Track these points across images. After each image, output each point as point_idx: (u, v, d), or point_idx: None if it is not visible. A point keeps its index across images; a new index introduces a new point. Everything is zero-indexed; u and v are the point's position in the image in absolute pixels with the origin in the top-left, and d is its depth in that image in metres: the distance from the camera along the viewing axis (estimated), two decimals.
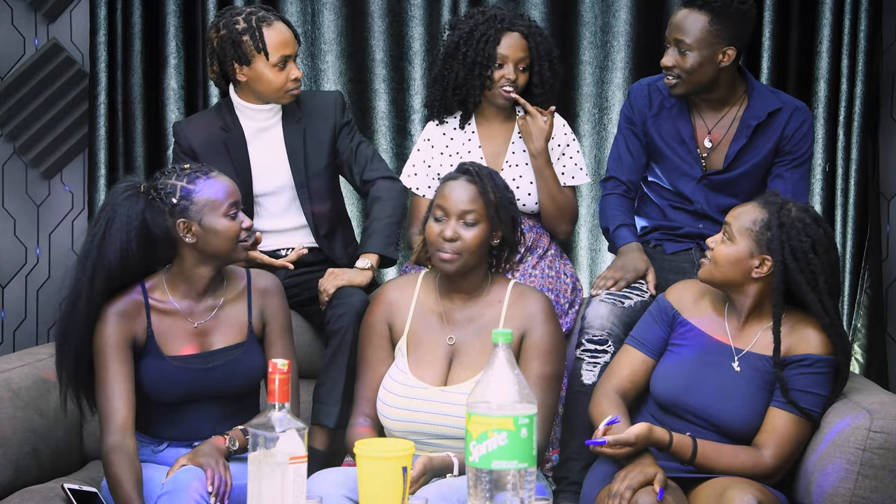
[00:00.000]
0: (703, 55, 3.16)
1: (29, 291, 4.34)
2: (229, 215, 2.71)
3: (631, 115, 3.37)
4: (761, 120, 3.24)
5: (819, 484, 2.62)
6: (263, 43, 3.23)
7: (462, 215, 2.77)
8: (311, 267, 3.37)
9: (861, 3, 3.89)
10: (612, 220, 3.36)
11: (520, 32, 3.35)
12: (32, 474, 2.91)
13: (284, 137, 3.35)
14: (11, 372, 2.99)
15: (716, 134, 3.29)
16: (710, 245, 2.81)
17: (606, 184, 3.44)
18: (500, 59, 3.34)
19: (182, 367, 2.72)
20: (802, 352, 2.73)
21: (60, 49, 4.23)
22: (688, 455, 2.66)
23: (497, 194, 2.80)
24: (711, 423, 2.73)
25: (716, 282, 2.80)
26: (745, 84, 3.30)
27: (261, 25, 3.24)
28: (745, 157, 3.28)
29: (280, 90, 3.28)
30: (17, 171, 4.31)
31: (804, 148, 3.28)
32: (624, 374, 2.86)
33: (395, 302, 2.90)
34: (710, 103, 3.29)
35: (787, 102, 3.31)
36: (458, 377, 2.79)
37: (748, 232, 2.74)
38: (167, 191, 2.69)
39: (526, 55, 3.35)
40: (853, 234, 3.94)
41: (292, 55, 3.28)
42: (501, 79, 3.34)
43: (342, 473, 2.62)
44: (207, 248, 2.71)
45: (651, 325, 2.89)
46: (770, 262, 2.73)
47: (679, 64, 3.18)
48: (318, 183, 3.37)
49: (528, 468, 2.00)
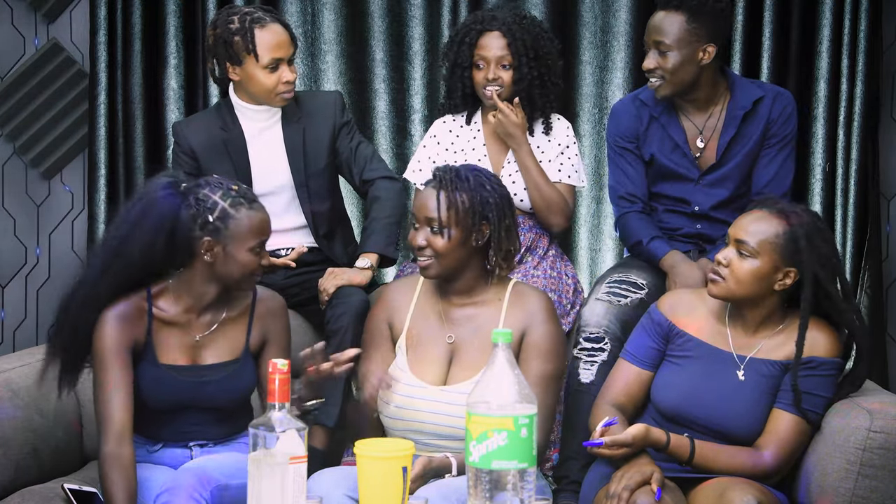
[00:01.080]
0: (683, 54, 3.20)
1: (29, 291, 4.34)
2: (255, 251, 2.68)
3: (622, 135, 3.38)
4: (747, 109, 3.27)
5: (819, 484, 2.62)
6: (254, 44, 3.22)
7: (428, 223, 2.78)
8: (310, 267, 3.37)
9: (861, 3, 3.89)
10: (643, 234, 3.33)
11: (499, 31, 3.35)
12: (32, 474, 2.91)
13: (284, 137, 3.35)
14: (11, 372, 2.99)
15: (706, 133, 3.31)
16: (722, 262, 2.73)
17: (621, 202, 3.41)
18: (481, 59, 3.37)
19: (175, 377, 2.71)
20: (807, 354, 2.72)
21: (60, 49, 4.23)
22: (686, 455, 2.65)
23: (465, 196, 2.76)
24: (716, 432, 2.72)
25: (734, 298, 2.75)
26: (725, 80, 3.34)
27: (253, 27, 3.23)
28: (736, 148, 3.30)
29: (270, 92, 3.27)
30: (17, 171, 4.31)
31: (789, 129, 3.31)
32: (619, 388, 2.84)
33: (396, 301, 2.90)
34: (696, 104, 3.31)
35: (769, 90, 3.35)
36: (458, 377, 2.79)
37: (772, 246, 2.69)
38: (207, 205, 2.64)
39: (506, 53, 3.35)
40: (853, 234, 3.94)
41: (285, 58, 3.26)
42: (482, 79, 3.37)
43: (342, 473, 2.62)
44: (221, 271, 2.68)
45: (644, 337, 2.86)
46: (794, 273, 2.70)
47: (661, 65, 3.21)
48: (317, 183, 3.37)
49: (528, 468, 2.00)
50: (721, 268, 2.73)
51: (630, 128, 3.36)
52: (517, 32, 3.35)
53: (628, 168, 3.38)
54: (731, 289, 2.72)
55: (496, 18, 3.38)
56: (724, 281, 2.72)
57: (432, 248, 2.77)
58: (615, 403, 2.81)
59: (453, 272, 2.81)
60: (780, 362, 2.75)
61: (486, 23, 3.37)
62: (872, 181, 3.97)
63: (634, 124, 3.35)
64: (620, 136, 3.38)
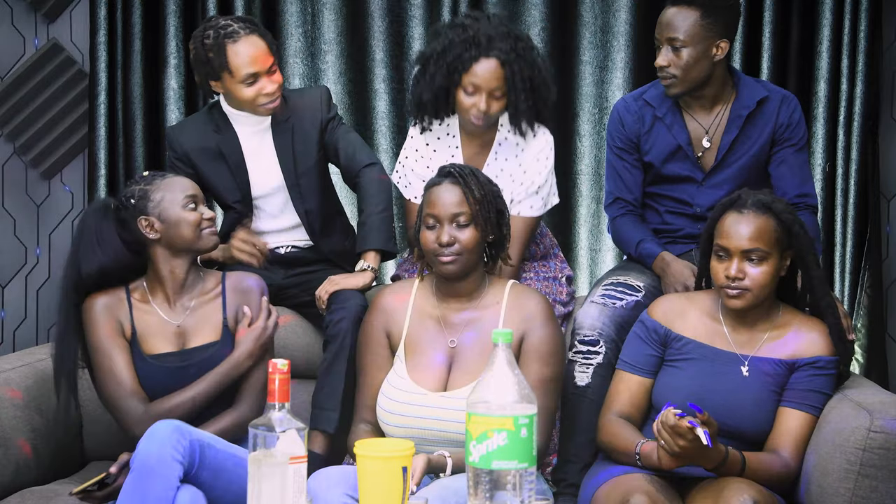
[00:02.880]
0: (697, 50, 3.16)
1: (29, 291, 4.34)
2: (188, 207, 2.83)
3: (622, 135, 3.34)
4: (751, 109, 3.25)
5: (819, 484, 2.62)
6: (226, 61, 3.18)
7: (453, 218, 2.77)
8: (309, 267, 3.37)
9: (861, 3, 3.89)
10: (633, 239, 3.33)
11: (496, 59, 3.14)
12: (32, 474, 2.91)
13: (273, 139, 3.34)
14: (11, 372, 2.99)
15: (712, 133, 3.29)
16: (738, 276, 2.71)
17: (612, 207, 3.40)
18: (472, 87, 3.15)
19: (159, 366, 2.81)
20: (812, 354, 2.75)
21: (60, 49, 4.23)
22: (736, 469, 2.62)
23: (482, 190, 2.79)
24: (725, 432, 2.70)
25: (759, 304, 2.76)
26: (732, 78, 3.31)
27: (226, 42, 3.16)
28: (740, 149, 3.28)
29: (252, 104, 3.24)
30: (17, 171, 4.31)
31: (800, 133, 3.30)
32: (624, 399, 2.82)
33: (392, 308, 2.89)
34: (702, 102, 3.29)
35: (773, 91, 3.33)
36: (458, 382, 2.78)
37: (776, 242, 2.74)
38: (127, 195, 2.84)
39: (501, 84, 3.16)
40: (853, 234, 3.94)
41: (262, 71, 3.19)
42: (472, 107, 3.17)
43: (342, 472, 2.61)
44: (173, 241, 2.83)
45: (641, 346, 2.85)
46: (791, 254, 2.76)
47: (674, 62, 3.17)
48: (308, 181, 3.34)
49: (528, 468, 2.00)
50: (737, 282, 2.73)
51: (631, 129, 3.33)
52: (515, 64, 3.15)
53: (624, 172, 3.36)
54: (757, 296, 2.74)
55: (492, 42, 3.15)
56: (749, 292, 2.73)
57: (460, 244, 2.77)
58: (622, 415, 2.80)
59: (471, 269, 2.81)
60: (784, 361, 2.76)
61: (482, 49, 3.14)
62: (872, 181, 3.97)
63: (636, 125, 3.33)
64: (620, 137, 3.35)
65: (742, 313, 2.79)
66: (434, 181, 2.84)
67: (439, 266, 2.79)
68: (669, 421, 2.48)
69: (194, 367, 2.81)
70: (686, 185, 3.32)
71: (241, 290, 2.90)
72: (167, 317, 2.85)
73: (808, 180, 3.32)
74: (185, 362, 2.82)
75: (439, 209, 2.78)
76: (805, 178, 3.30)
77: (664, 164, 3.32)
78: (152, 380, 2.79)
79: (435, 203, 2.79)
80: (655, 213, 3.40)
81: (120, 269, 2.85)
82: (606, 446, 2.79)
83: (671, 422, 2.48)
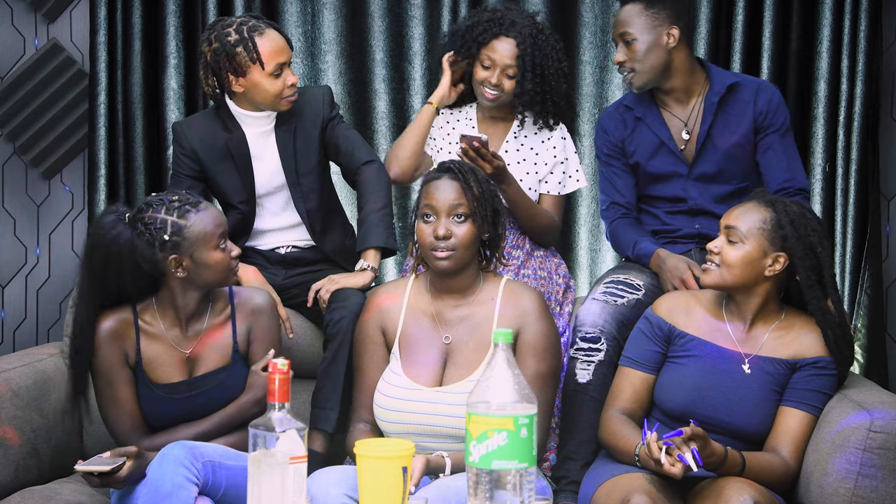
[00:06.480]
0: (648, 41, 3.29)
1: (29, 291, 4.34)
2: (220, 247, 2.73)
3: (609, 143, 3.45)
4: (721, 94, 3.33)
5: (819, 484, 2.62)
6: (258, 53, 3.20)
7: (451, 211, 2.78)
8: (309, 267, 3.37)
9: (861, 3, 3.89)
10: (629, 240, 3.38)
11: (514, 39, 3.35)
12: (32, 474, 2.91)
13: (276, 138, 3.34)
14: (11, 372, 2.99)
15: (691, 124, 3.36)
16: (713, 250, 2.80)
17: (607, 212, 3.47)
18: (489, 61, 3.36)
19: (167, 397, 2.77)
20: (813, 354, 2.76)
21: (60, 49, 4.23)
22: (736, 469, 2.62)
23: (480, 188, 2.81)
24: (725, 429, 2.72)
25: (726, 286, 2.79)
26: (704, 71, 3.40)
27: (253, 35, 3.20)
28: (719, 138, 3.34)
29: (277, 97, 3.25)
30: (17, 171, 4.31)
31: (781, 118, 3.36)
32: (627, 395, 2.84)
33: (386, 306, 2.90)
34: (676, 96, 3.38)
35: (747, 80, 3.42)
36: (453, 377, 2.79)
37: (759, 231, 2.75)
38: (157, 226, 2.68)
39: (513, 63, 3.35)
40: (853, 234, 3.94)
41: (287, 62, 3.25)
42: (485, 81, 3.37)
43: (342, 472, 2.61)
44: (198, 279, 2.74)
45: (644, 342, 2.87)
46: (784, 258, 2.75)
47: (629, 56, 3.31)
48: (308, 180, 3.36)
49: (528, 468, 2.00)
50: (713, 256, 2.79)
51: (615, 135, 3.43)
52: (529, 47, 3.34)
53: (615, 178, 3.45)
54: (723, 275, 2.77)
55: (515, 25, 3.36)
56: (717, 269, 2.78)
57: (456, 238, 2.78)
58: (625, 411, 2.81)
59: (465, 265, 2.82)
60: (786, 361, 2.77)
61: (504, 26, 3.36)
62: (872, 181, 3.97)
63: (620, 131, 3.42)
64: (606, 145, 3.46)
65: (737, 305, 2.81)
66: (433, 175, 2.85)
67: (434, 261, 2.80)
68: (654, 455, 2.50)
69: (203, 395, 2.78)
70: (675, 180, 3.38)
71: (250, 310, 2.85)
72: (177, 344, 2.79)
73: (796, 164, 3.37)
74: (193, 391, 2.78)
75: (438, 202, 2.79)
76: (792, 163, 3.35)
77: (649, 161, 3.38)
78: (158, 409, 2.77)
79: (433, 196, 2.80)
80: (653, 217, 3.44)
81: (130, 291, 2.77)
82: (607, 444, 2.80)
83: (655, 456, 2.50)
